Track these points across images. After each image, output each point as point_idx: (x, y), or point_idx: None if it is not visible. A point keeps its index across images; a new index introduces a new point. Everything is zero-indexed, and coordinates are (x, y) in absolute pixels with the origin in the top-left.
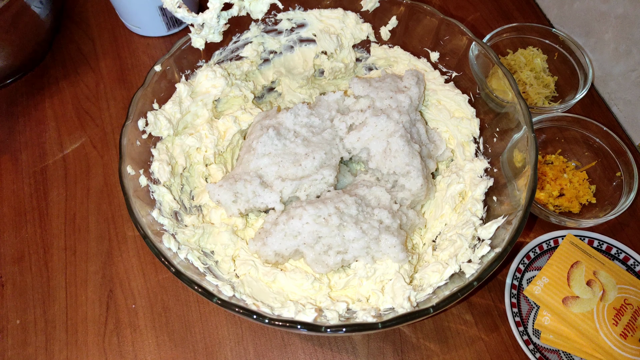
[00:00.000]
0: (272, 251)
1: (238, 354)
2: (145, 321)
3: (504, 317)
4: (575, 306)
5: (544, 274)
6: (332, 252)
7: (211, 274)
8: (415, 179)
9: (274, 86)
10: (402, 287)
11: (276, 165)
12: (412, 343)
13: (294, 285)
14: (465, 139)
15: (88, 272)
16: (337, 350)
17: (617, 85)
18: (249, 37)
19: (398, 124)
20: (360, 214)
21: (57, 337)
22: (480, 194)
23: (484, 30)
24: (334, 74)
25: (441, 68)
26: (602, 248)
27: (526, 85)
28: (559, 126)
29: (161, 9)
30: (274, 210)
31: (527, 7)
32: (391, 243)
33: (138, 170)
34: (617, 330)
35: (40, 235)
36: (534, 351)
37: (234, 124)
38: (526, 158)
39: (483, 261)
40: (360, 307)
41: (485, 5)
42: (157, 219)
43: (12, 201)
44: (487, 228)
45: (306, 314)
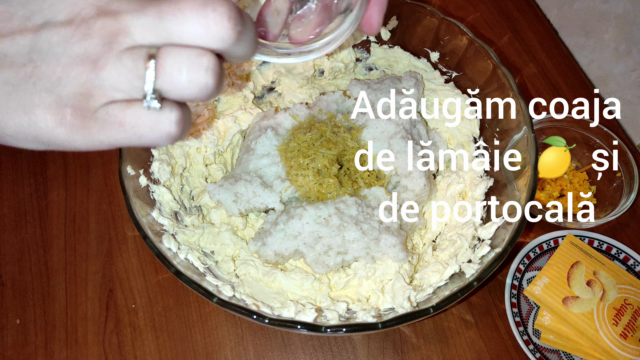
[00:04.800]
0: (272, 251)
1: (238, 354)
2: (145, 321)
3: (504, 317)
4: (576, 306)
5: (544, 274)
6: (332, 253)
7: (211, 274)
8: (418, 180)
9: (274, 86)
10: (402, 287)
11: (276, 166)
12: (412, 343)
13: (294, 285)
14: (465, 139)
15: (88, 271)
16: (337, 350)
17: (617, 85)
18: None
19: (398, 126)
20: (360, 215)
21: (56, 336)
22: (480, 194)
23: (484, 31)
24: (334, 74)
25: (441, 68)
26: (602, 248)
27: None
28: (559, 126)
29: None
30: (274, 211)
31: (527, 8)
32: (391, 243)
33: (138, 170)
34: (617, 330)
35: (40, 235)
36: (534, 351)
37: (234, 124)
38: (526, 158)
39: (483, 261)
40: (360, 307)
41: (485, 5)
42: (157, 219)
43: (12, 201)
44: (487, 228)
45: (306, 314)
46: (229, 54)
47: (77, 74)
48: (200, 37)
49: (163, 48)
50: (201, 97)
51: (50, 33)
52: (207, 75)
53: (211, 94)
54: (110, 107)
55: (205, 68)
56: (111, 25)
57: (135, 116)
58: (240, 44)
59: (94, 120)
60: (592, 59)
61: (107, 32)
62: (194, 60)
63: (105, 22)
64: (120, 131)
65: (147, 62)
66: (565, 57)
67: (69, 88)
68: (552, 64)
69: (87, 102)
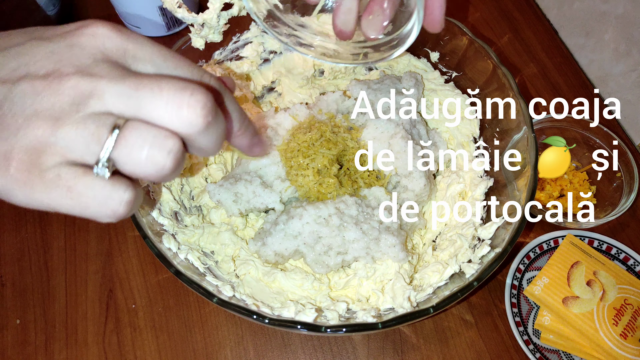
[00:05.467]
0: (272, 251)
1: (238, 354)
2: (145, 321)
3: (504, 317)
4: (576, 306)
5: (544, 274)
6: (332, 253)
7: (211, 274)
8: (418, 180)
9: (274, 86)
10: (402, 287)
11: (276, 166)
12: (412, 343)
13: (294, 285)
14: (465, 139)
15: (88, 271)
16: (337, 350)
17: (617, 85)
18: (249, 37)
19: (398, 126)
20: (360, 215)
21: (56, 336)
22: (480, 194)
23: (484, 31)
24: (334, 74)
25: (441, 68)
26: (602, 248)
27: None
28: (559, 126)
29: (161, 9)
30: (274, 211)
31: (527, 8)
32: (391, 242)
33: None
34: (617, 330)
35: (40, 235)
36: (534, 351)
37: None
38: (526, 158)
39: (483, 261)
40: (360, 307)
41: (485, 5)
42: (157, 219)
43: None
44: (487, 228)
45: (306, 314)
46: (194, 143)
47: (35, 127)
48: (170, 118)
49: (131, 121)
50: (155, 177)
51: (26, 85)
52: (168, 158)
53: (165, 177)
54: (63, 169)
55: (168, 150)
56: (84, 86)
57: (87, 186)
58: (206, 135)
59: (41, 178)
60: (592, 59)
61: (78, 92)
62: (158, 140)
63: (78, 81)
64: (65, 196)
65: (111, 131)
66: (565, 57)
67: (24, 140)
68: (552, 64)
69: (37, 158)
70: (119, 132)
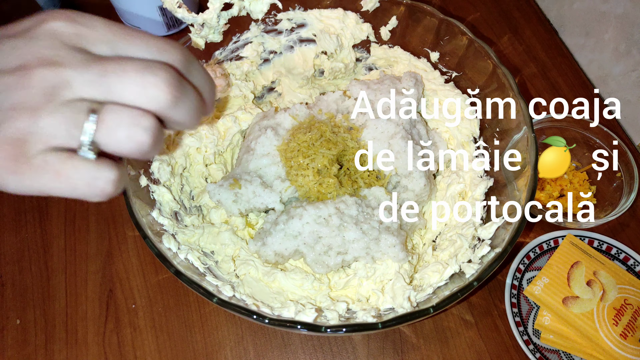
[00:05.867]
0: (272, 251)
1: (238, 354)
2: (145, 321)
3: (504, 317)
4: (576, 306)
5: (544, 274)
6: (332, 253)
7: (211, 274)
8: (418, 180)
9: (274, 86)
10: (402, 287)
11: (276, 166)
12: (412, 343)
13: (294, 285)
14: (465, 139)
15: (88, 271)
16: (337, 350)
17: (617, 85)
18: (249, 37)
19: (398, 126)
20: (360, 215)
21: (56, 336)
22: (480, 194)
23: (484, 31)
24: (334, 74)
25: (441, 68)
26: (602, 248)
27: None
28: (559, 126)
29: (161, 9)
30: (274, 211)
31: (527, 7)
32: (391, 242)
33: (138, 170)
34: (617, 330)
35: (40, 235)
36: (534, 351)
37: (234, 124)
38: (526, 158)
39: (483, 261)
40: (360, 307)
41: (485, 5)
42: (157, 219)
43: (12, 201)
44: (487, 228)
45: (306, 314)
46: (168, 118)
47: (15, 119)
48: (139, 97)
49: (107, 105)
50: (136, 153)
51: None
52: (145, 134)
53: (146, 152)
54: (49, 155)
55: (144, 127)
56: (51, 76)
57: (74, 169)
58: (178, 109)
59: (29, 166)
60: (592, 59)
61: (47, 83)
62: (134, 119)
63: (44, 73)
64: (54, 180)
65: (88, 115)
66: (565, 57)
67: (7, 132)
68: (552, 64)
69: (22, 147)
70: (97, 116)
